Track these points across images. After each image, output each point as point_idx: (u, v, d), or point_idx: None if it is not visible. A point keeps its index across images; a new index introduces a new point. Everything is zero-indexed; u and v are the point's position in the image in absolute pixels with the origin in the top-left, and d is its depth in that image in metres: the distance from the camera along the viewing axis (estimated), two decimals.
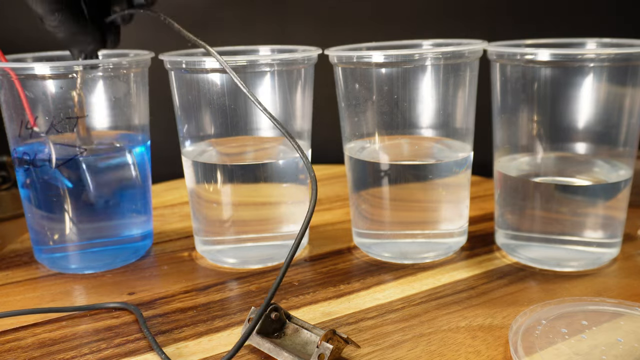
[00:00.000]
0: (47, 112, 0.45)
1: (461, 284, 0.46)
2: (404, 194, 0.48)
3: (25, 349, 0.38)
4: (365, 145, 0.49)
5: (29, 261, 0.52)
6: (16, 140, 0.47)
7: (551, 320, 0.39)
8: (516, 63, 0.45)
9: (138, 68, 0.49)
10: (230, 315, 0.42)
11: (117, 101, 0.48)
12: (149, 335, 0.39)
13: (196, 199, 0.50)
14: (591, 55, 0.43)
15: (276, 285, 0.36)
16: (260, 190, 0.48)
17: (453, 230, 0.50)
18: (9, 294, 0.46)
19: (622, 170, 0.46)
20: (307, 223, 0.37)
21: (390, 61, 0.45)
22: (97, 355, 0.38)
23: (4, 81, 0.45)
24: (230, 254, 0.50)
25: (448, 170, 0.48)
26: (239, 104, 0.46)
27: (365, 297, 0.44)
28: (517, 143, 0.48)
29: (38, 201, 0.47)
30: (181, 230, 0.59)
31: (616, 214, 0.47)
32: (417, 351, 0.37)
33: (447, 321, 0.40)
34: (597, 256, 0.47)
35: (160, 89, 0.55)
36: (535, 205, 0.47)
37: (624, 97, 0.44)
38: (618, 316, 0.39)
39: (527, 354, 0.35)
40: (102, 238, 0.49)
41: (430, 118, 0.47)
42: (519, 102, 0.46)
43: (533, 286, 0.45)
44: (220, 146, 0.49)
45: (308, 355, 0.35)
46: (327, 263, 0.51)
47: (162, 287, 0.47)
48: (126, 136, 0.50)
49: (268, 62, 0.46)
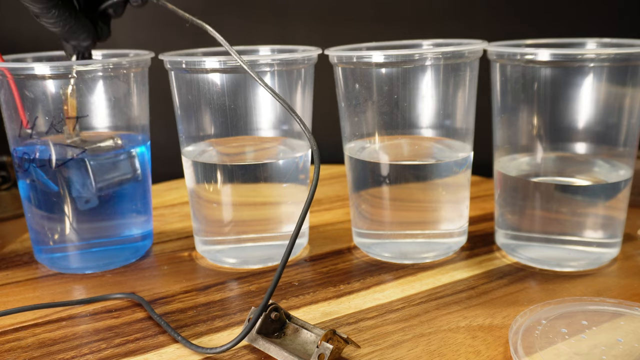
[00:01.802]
0: (47, 112, 0.45)
1: (461, 284, 0.46)
2: (404, 194, 0.48)
3: (25, 349, 0.38)
4: (365, 145, 0.49)
5: (29, 261, 0.52)
6: (16, 140, 0.47)
7: (551, 320, 0.39)
8: (516, 63, 0.45)
9: (138, 68, 0.49)
10: (230, 315, 0.42)
11: (117, 101, 0.48)
12: (161, 321, 0.40)
13: (196, 199, 0.50)
14: (591, 55, 0.43)
15: (275, 279, 0.36)
16: (260, 190, 0.48)
17: (453, 230, 0.50)
18: (9, 294, 0.46)
19: (622, 170, 0.46)
20: (309, 203, 0.37)
21: (390, 61, 0.45)
22: (97, 355, 0.38)
23: (3, 81, 0.45)
24: (230, 254, 0.50)
25: (448, 170, 0.48)
26: (239, 104, 0.46)
27: (365, 297, 0.44)
28: (517, 143, 0.48)
29: (38, 201, 0.47)
30: (181, 230, 0.59)
31: (616, 214, 0.47)
32: (417, 351, 0.37)
33: (447, 321, 0.40)
34: (597, 256, 0.47)
35: (160, 89, 0.55)
36: (535, 205, 0.47)
37: (624, 97, 0.44)
38: (618, 316, 0.39)
39: (527, 354, 0.35)
40: (102, 238, 0.49)
41: (430, 118, 0.47)
42: (519, 102, 0.46)
43: (533, 286, 0.45)
44: (220, 146, 0.49)
45: (308, 355, 0.35)
46: (327, 263, 0.51)
47: (162, 287, 0.47)
48: (126, 136, 0.50)
49: (268, 62, 0.46)
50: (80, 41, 0.44)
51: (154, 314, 0.41)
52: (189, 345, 0.37)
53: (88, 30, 0.44)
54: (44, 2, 0.40)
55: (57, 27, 0.43)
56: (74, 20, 0.43)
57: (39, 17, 0.42)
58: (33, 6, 0.40)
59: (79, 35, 0.44)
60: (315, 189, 0.38)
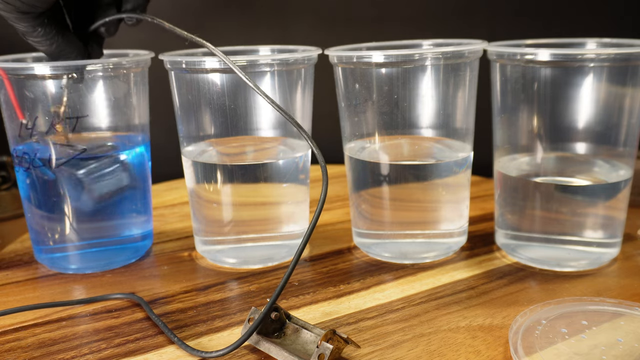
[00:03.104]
0: (47, 112, 0.45)
1: (461, 284, 0.46)
2: (404, 194, 0.48)
3: (25, 349, 0.38)
4: (365, 145, 0.49)
5: (29, 261, 0.52)
6: (16, 140, 0.47)
7: (551, 320, 0.39)
8: (516, 63, 0.45)
9: (138, 68, 0.49)
10: (230, 315, 0.42)
11: (117, 101, 0.48)
12: (160, 322, 0.39)
13: (196, 199, 0.50)
14: (591, 55, 0.43)
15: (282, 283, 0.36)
16: (260, 190, 0.48)
17: (453, 230, 0.50)
18: (9, 294, 0.46)
19: (622, 170, 0.46)
20: (319, 210, 0.37)
21: (390, 61, 0.45)
22: (97, 355, 0.38)
23: (3, 81, 0.45)
24: (230, 254, 0.50)
25: (448, 170, 0.48)
26: (239, 104, 0.46)
27: (365, 297, 0.44)
28: (517, 143, 0.48)
29: (38, 201, 0.47)
30: (181, 230, 0.59)
31: (616, 214, 0.47)
32: (417, 351, 0.37)
33: (447, 321, 0.40)
34: (597, 256, 0.47)
35: (160, 89, 0.55)
36: (535, 205, 0.47)
37: (624, 97, 0.44)
38: (618, 316, 0.39)
39: (527, 354, 0.35)
40: (102, 238, 0.49)
41: (430, 118, 0.47)
42: (519, 102, 0.46)
43: (533, 286, 0.45)
44: (220, 146, 0.49)
45: (308, 355, 0.35)
46: (327, 263, 0.51)
47: (162, 287, 0.47)
48: (126, 136, 0.50)
49: (268, 62, 0.46)
50: (70, 60, 0.43)
51: (153, 314, 0.41)
52: (184, 347, 0.37)
53: (77, 49, 0.43)
54: (28, 20, 0.39)
55: (43, 45, 0.41)
56: (62, 39, 0.41)
57: (24, 35, 0.41)
58: (18, 25, 0.39)
59: (68, 55, 0.43)
60: (325, 195, 0.38)
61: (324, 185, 0.38)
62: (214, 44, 0.43)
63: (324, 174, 0.38)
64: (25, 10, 0.38)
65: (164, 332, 0.39)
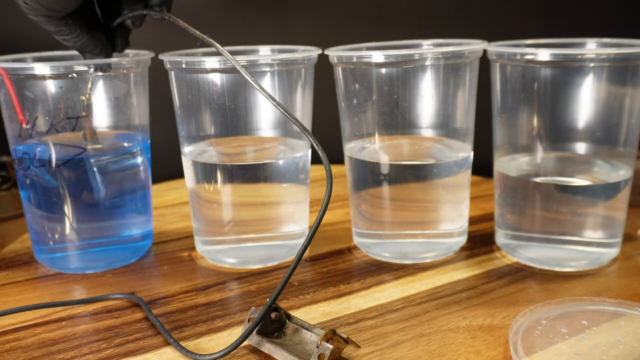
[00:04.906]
0: (47, 112, 0.45)
1: (461, 284, 0.46)
2: (404, 194, 0.48)
3: (25, 349, 0.38)
4: (365, 145, 0.49)
5: (29, 261, 0.52)
6: (16, 140, 0.47)
7: (551, 320, 0.39)
8: (516, 63, 0.45)
9: (138, 68, 0.49)
10: (230, 315, 0.42)
11: (117, 101, 0.48)
12: (157, 323, 0.39)
13: (196, 199, 0.50)
14: (591, 55, 0.43)
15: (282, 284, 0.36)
16: (260, 190, 0.48)
17: (453, 230, 0.50)
18: (9, 294, 0.46)
19: (622, 170, 0.46)
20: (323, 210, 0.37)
21: (390, 61, 0.45)
22: (97, 355, 0.38)
23: (3, 81, 0.45)
24: (230, 254, 0.50)
25: (448, 170, 0.48)
26: (239, 104, 0.46)
27: (365, 297, 0.44)
28: (517, 143, 0.48)
29: (38, 201, 0.47)
30: (181, 230, 0.59)
31: (616, 214, 0.47)
32: (417, 351, 0.37)
33: (447, 321, 0.40)
34: (597, 256, 0.47)
35: (160, 89, 0.55)
36: (535, 205, 0.47)
37: (624, 97, 0.44)
38: (618, 316, 0.39)
39: (527, 354, 0.35)
40: (102, 238, 0.49)
41: (430, 118, 0.47)
42: (519, 102, 0.46)
43: (533, 286, 0.45)
44: (220, 146, 0.49)
45: (308, 355, 0.35)
46: (327, 263, 0.51)
47: (162, 287, 0.47)
48: (126, 136, 0.50)
49: (268, 62, 0.46)
50: (94, 56, 0.45)
51: (151, 315, 0.41)
52: (179, 349, 0.37)
53: (101, 45, 0.45)
54: (52, 22, 0.41)
55: (69, 42, 0.43)
56: (87, 36, 0.43)
57: (51, 33, 0.43)
58: (44, 24, 0.41)
59: (92, 51, 0.45)
60: (329, 195, 0.38)
61: (328, 185, 0.38)
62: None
63: (328, 174, 0.38)
64: (47, 15, 0.40)
65: (161, 333, 0.39)
